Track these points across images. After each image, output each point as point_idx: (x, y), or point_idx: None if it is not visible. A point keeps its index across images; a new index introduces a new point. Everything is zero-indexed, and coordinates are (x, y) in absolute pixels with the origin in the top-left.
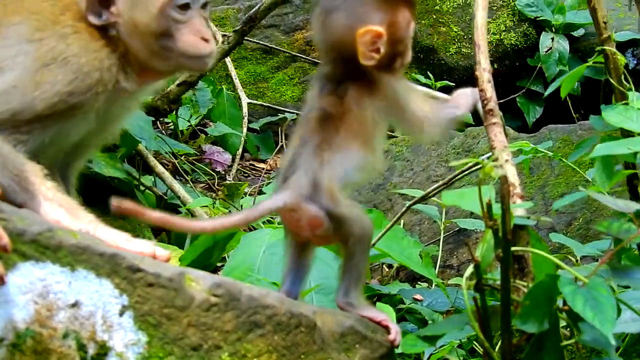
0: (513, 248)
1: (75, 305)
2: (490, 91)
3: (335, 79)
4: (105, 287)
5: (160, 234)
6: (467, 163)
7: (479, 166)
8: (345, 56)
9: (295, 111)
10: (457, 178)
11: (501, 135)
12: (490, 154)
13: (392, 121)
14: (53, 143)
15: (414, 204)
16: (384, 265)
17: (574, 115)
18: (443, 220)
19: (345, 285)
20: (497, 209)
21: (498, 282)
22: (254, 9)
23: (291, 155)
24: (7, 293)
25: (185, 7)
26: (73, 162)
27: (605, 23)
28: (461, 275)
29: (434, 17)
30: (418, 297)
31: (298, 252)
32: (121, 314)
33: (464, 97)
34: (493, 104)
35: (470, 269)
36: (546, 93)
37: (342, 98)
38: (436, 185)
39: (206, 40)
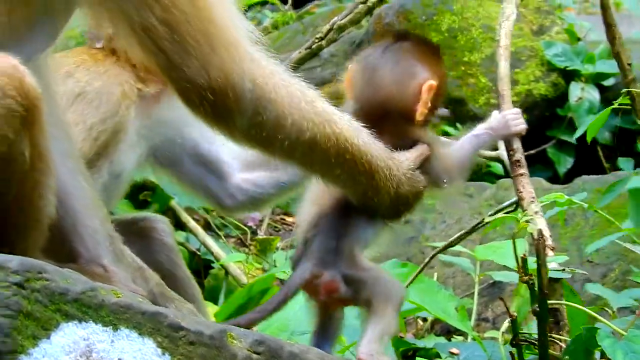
0: (549, 302)
1: None
2: (516, 142)
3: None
4: (148, 345)
5: None
6: (502, 218)
7: (504, 214)
8: (389, 111)
9: None
10: (481, 225)
11: (529, 186)
12: (511, 202)
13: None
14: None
15: (439, 252)
16: (418, 319)
17: (605, 165)
18: (477, 272)
19: (367, 338)
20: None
21: (535, 336)
22: (284, 63)
23: (316, 214)
24: (51, 353)
25: None
26: None
27: (629, 65)
28: (497, 328)
29: (463, 68)
30: (454, 350)
31: (322, 313)
32: None
33: (497, 122)
34: (520, 154)
35: (506, 324)
36: (574, 136)
37: None
38: (460, 233)
39: None
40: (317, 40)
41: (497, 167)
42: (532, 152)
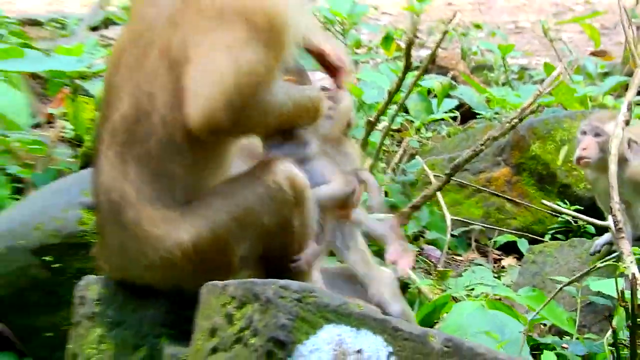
0: (639, 319)
1: (359, 351)
2: (619, 215)
3: None
4: (378, 340)
5: None
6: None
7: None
8: None
9: (479, 224)
10: (592, 270)
11: (627, 245)
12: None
13: None
14: None
15: (566, 285)
16: (541, 324)
17: None
18: (579, 295)
19: None
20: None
21: (627, 341)
22: (457, 160)
23: None
24: (317, 343)
25: None
26: None
27: None
28: (592, 332)
29: (570, 164)
30: (565, 345)
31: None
32: (388, 358)
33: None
34: (622, 225)
35: (609, 333)
36: None
37: None
38: (580, 274)
39: None
40: (480, 146)
41: (590, 228)
42: None
